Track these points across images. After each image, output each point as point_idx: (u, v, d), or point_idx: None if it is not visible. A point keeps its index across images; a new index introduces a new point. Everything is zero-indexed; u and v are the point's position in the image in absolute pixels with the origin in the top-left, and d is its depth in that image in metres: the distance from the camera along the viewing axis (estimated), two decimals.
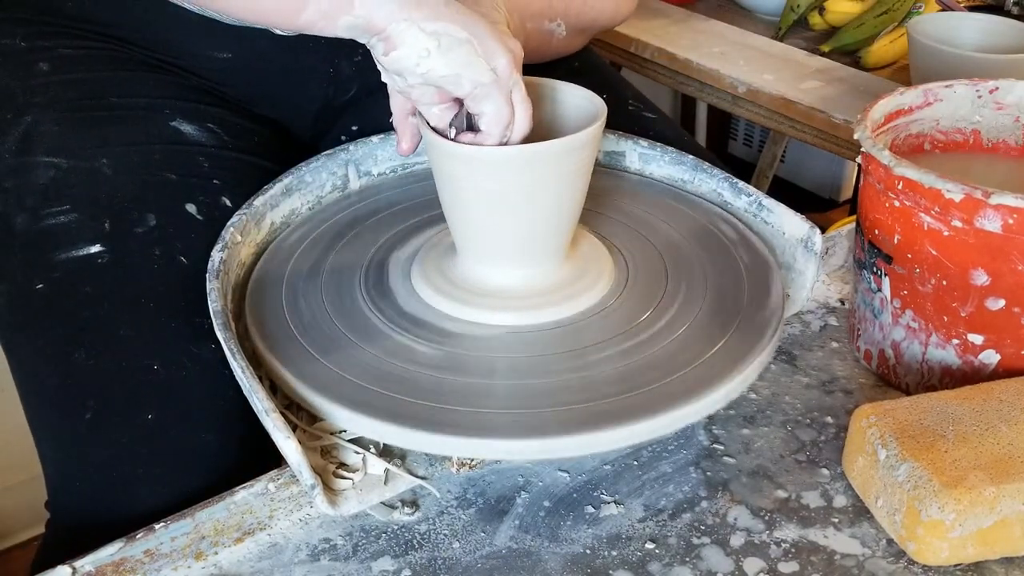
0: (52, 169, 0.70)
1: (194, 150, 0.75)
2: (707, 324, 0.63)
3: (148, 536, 0.55)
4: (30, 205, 0.69)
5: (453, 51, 0.60)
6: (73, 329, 0.66)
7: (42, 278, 0.67)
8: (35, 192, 0.70)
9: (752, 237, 0.71)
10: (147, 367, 0.65)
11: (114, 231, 0.69)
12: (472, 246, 0.65)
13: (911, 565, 0.55)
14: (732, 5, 1.50)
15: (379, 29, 0.60)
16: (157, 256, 0.68)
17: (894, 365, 0.68)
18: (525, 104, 0.62)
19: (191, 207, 0.71)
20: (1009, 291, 0.61)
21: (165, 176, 0.72)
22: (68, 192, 0.69)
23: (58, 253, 0.68)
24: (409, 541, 0.57)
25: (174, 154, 0.73)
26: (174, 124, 0.75)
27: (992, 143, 0.75)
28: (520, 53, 0.63)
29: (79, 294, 0.67)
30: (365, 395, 0.57)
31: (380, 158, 0.79)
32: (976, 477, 0.53)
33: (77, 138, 0.71)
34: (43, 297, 0.67)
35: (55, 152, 0.71)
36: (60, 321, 0.67)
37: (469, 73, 0.60)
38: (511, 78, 0.61)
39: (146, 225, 0.69)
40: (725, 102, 1.30)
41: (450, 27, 0.59)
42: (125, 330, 0.66)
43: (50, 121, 0.72)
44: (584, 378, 0.58)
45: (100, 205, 0.69)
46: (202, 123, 0.76)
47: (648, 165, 0.80)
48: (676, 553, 0.56)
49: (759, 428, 0.65)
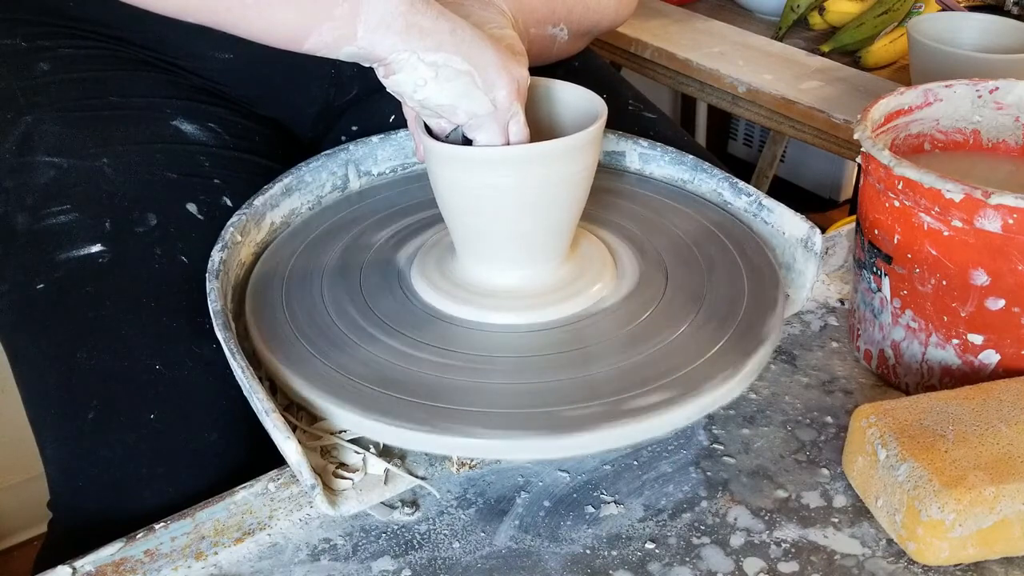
0: (53, 169, 0.70)
1: (195, 149, 0.75)
2: (707, 324, 0.63)
3: (148, 536, 0.55)
4: (31, 205, 0.69)
5: (451, 82, 0.60)
6: (75, 329, 0.66)
7: (44, 278, 0.67)
8: (36, 192, 0.70)
9: (752, 237, 0.71)
10: (149, 367, 0.65)
11: (115, 231, 0.69)
12: (472, 247, 0.65)
13: (911, 565, 0.55)
14: (732, 5, 1.50)
15: (380, 58, 0.60)
16: (158, 256, 0.69)
17: (894, 365, 0.68)
18: (523, 133, 0.63)
19: (192, 207, 0.71)
20: (1009, 291, 0.61)
21: (166, 176, 0.72)
22: (69, 192, 0.69)
23: (59, 253, 0.68)
24: (409, 541, 0.57)
25: (175, 153, 0.73)
26: (175, 123, 0.75)
27: (992, 143, 0.75)
28: (526, 79, 0.63)
29: (81, 294, 0.67)
30: (365, 395, 0.57)
31: (380, 158, 0.79)
32: (976, 477, 0.53)
33: (78, 138, 0.71)
34: (45, 297, 0.67)
35: (56, 152, 0.71)
36: (62, 321, 0.67)
37: (465, 104, 0.61)
38: (510, 109, 0.62)
39: (147, 225, 0.69)
40: (725, 102, 1.30)
41: (451, 59, 0.60)
42: (127, 330, 0.66)
43: (51, 121, 0.72)
44: (584, 378, 0.58)
45: (101, 205, 0.69)
46: (203, 123, 0.76)
47: (648, 165, 0.80)
48: (676, 553, 0.56)
49: (759, 428, 0.65)
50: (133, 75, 0.76)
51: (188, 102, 0.77)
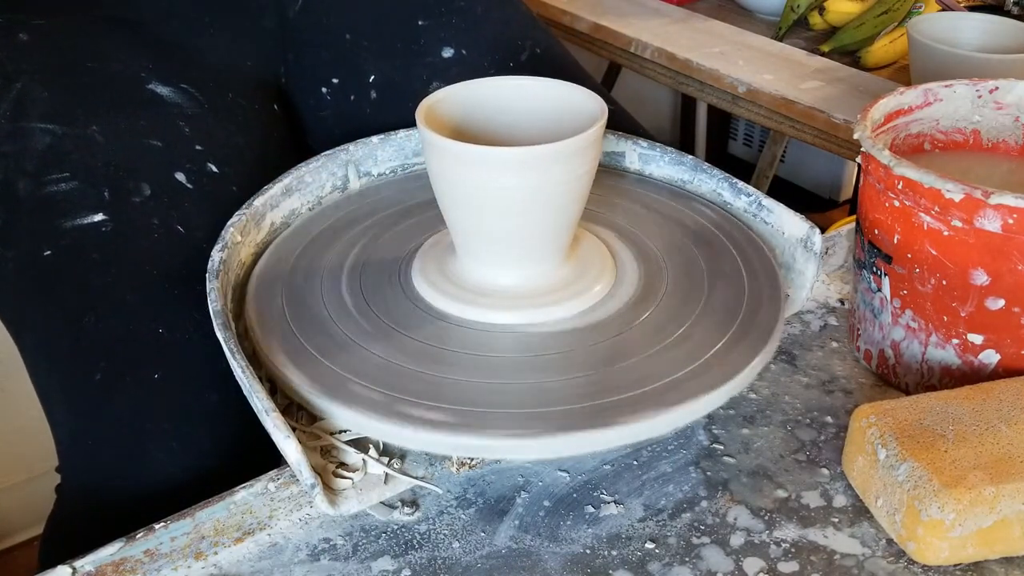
0: (48, 135, 0.72)
1: (174, 113, 0.76)
2: (706, 324, 0.63)
3: (148, 536, 0.55)
4: (31, 171, 0.71)
5: None
6: (83, 295, 0.68)
7: (50, 245, 0.69)
8: (34, 157, 0.71)
9: (752, 237, 0.71)
10: (153, 330, 0.68)
11: (114, 200, 0.71)
12: (472, 247, 0.65)
13: (911, 565, 0.55)
14: (732, 5, 1.51)
15: None
16: (156, 226, 0.71)
17: (894, 365, 0.68)
18: None
19: (180, 175, 0.73)
20: (1009, 291, 0.61)
21: (152, 143, 0.74)
22: (66, 159, 0.71)
23: (65, 221, 0.70)
24: (409, 541, 0.57)
25: (156, 120, 0.75)
26: (151, 87, 0.77)
27: (992, 143, 0.75)
28: None
29: (87, 261, 0.69)
30: (365, 395, 0.57)
31: (380, 158, 0.79)
32: (976, 477, 0.53)
33: (67, 105, 0.73)
34: (52, 263, 0.69)
35: (49, 118, 0.72)
36: (70, 287, 0.69)
37: None
38: None
39: (142, 195, 0.71)
40: (725, 102, 1.30)
41: None
42: (131, 297, 0.68)
43: (40, 88, 0.73)
44: (584, 377, 0.58)
45: (98, 173, 0.71)
46: (176, 84, 0.78)
47: (648, 165, 0.80)
48: (676, 553, 0.56)
49: (759, 428, 0.65)
50: (105, 40, 0.78)
51: (159, 63, 0.78)
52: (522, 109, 0.68)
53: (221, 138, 0.77)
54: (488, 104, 0.68)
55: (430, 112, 0.64)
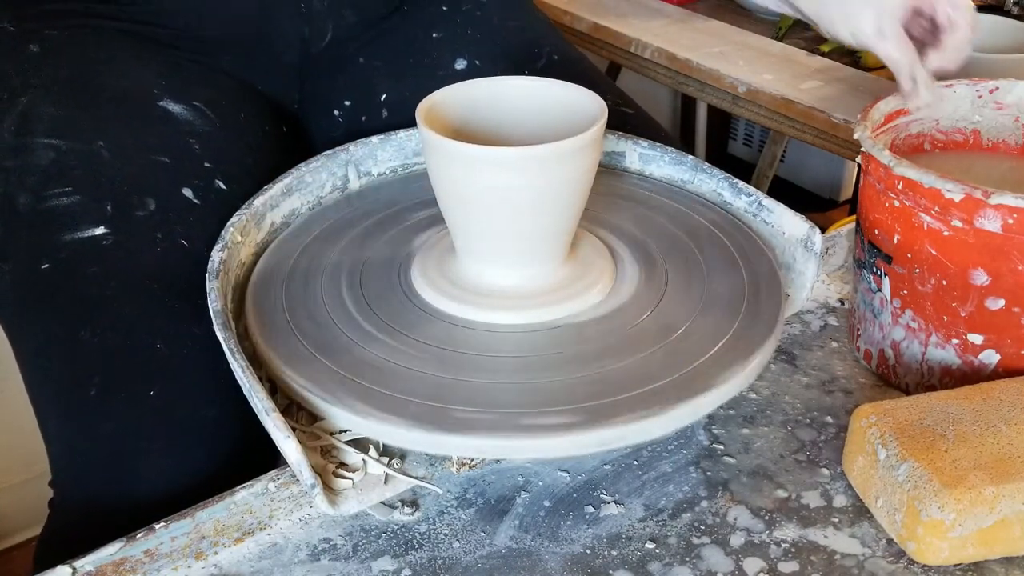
0: (52, 151, 0.71)
1: (184, 131, 0.76)
2: (706, 324, 0.63)
3: (148, 536, 0.55)
4: (32, 186, 0.71)
5: None
6: (80, 308, 0.68)
7: (48, 258, 0.69)
8: (36, 173, 0.71)
9: (752, 237, 0.71)
10: (150, 345, 0.67)
11: (116, 214, 0.70)
12: (473, 247, 0.65)
13: (911, 565, 0.55)
14: (732, 5, 1.50)
15: None
16: (159, 240, 0.70)
17: (894, 365, 0.68)
18: None
19: (187, 191, 0.73)
20: (1009, 291, 0.61)
21: (160, 160, 0.73)
22: (69, 174, 0.71)
23: (64, 234, 0.69)
24: (409, 541, 0.57)
25: (166, 137, 0.75)
26: (162, 104, 0.76)
27: (992, 143, 0.75)
28: None
29: (85, 274, 0.68)
30: (365, 395, 0.57)
31: (380, 158, 0.79)
32: (976, 477, 0.53)
33: (74, 120, 0.73)
34: (50, 276, 0.68)
35: (53, 134, 0.72)
36: (67, 300, 0.68)
37: None
38: None
39: (146, 209, 0.71)
40: (725, 102, 1.30)
41: None
42: (129, 310, 0.67)
43: (46, 103, 0.73)
44: (583, 378, 0.58)
45: (102, 188, 0.71)
46: (189, 102, 0.77)
47: (648, 165, 0.80)
48: (676, 553, 0.56)
49: (759, 428, 0.65)
50: (118, 55, 0.78)
51: (172, 79, 0.78)
52: (522, 109, 0.68)
53: (231, 156, 0.77)
54: (488, 104, 0.68)
55: (430, 112, 0.64)
